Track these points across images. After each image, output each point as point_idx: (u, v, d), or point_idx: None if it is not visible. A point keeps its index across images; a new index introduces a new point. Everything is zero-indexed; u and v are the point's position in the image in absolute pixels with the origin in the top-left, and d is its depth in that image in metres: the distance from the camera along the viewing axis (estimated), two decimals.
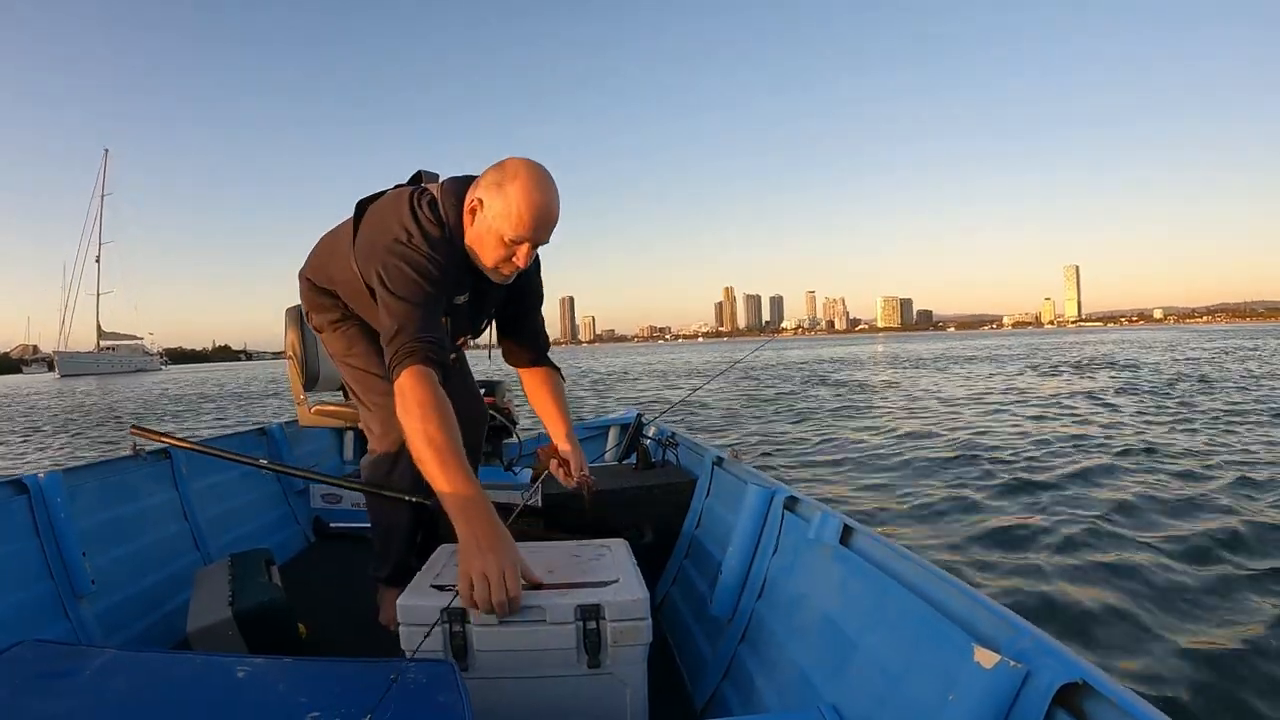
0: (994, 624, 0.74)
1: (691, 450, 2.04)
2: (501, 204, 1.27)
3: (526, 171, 1.28)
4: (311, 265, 1.67)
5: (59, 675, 0.83)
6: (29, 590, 1.42)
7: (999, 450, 6.03)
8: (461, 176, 1.40)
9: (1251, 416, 7.63)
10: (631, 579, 1.14)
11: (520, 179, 1.26)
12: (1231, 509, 3.86)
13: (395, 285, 1.28)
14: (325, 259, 1.62)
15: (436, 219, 1.33)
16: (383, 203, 1.44)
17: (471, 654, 1.04)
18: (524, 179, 1.26)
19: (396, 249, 1.30)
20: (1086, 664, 0.63)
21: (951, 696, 0.71)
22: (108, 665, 0.86)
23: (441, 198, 1.36)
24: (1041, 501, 4.24)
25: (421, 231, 1.31)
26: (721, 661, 1.32)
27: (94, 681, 0.82)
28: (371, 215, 1.44)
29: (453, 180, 1.40)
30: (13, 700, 0.77)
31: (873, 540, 1.04)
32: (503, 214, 1.27)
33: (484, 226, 1.30)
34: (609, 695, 1.06)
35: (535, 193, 1.27)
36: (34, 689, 0.80)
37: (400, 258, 1.29)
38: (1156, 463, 5.26)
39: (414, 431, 1.15)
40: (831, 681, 0.97)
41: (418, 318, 1.25)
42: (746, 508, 1.41)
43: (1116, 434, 6.71)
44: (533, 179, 1.27)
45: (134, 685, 0.83)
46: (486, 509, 1.08)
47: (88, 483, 1.68)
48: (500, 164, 1.31)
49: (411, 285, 1.27)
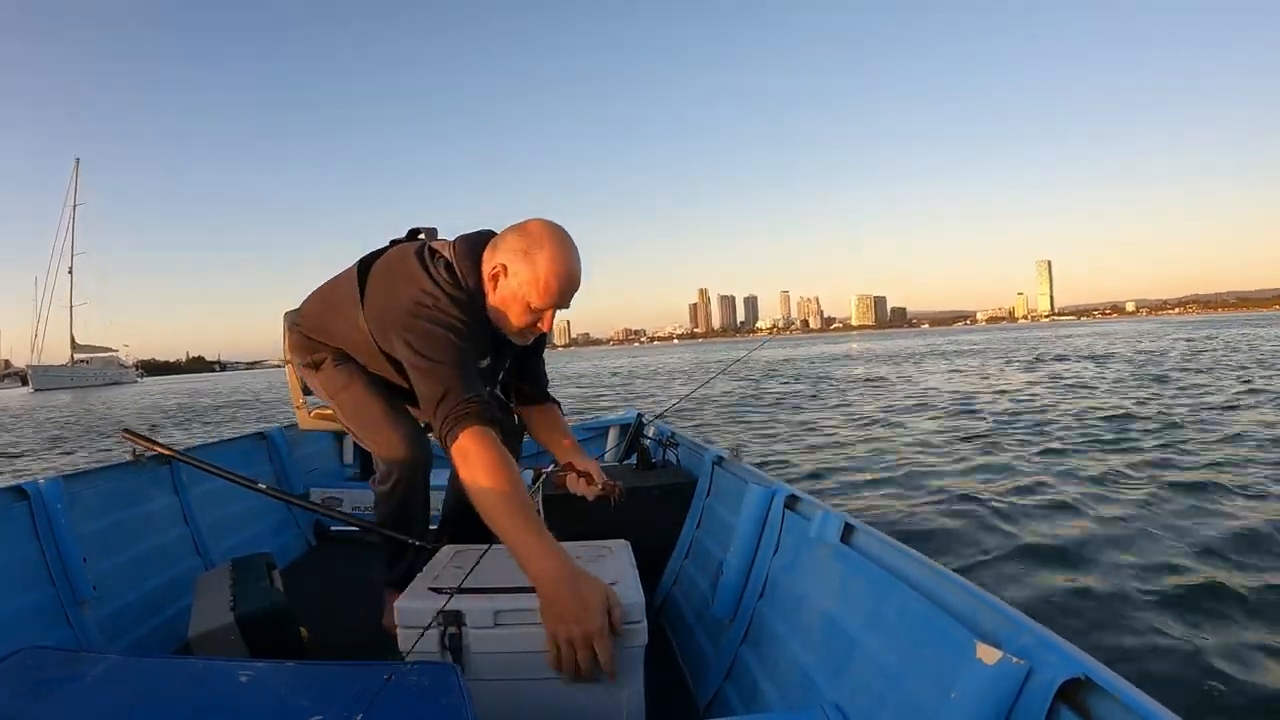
0: (996, 620, 0.74)
1: (692, 450, 2.04)
2: (529, 272, 1.26)
3: (553, 240, 1.27)
4: (309, 321, 1.62)
5: (61, 681, 0.83)
6: (30, 596, 1.42)
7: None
8: (471, 235, 1.38)
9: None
10: (630, 582, 1.14)
11: (548, 248, 1.26)
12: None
13: (429, 349, 1.24)
14: (326, 317, 1.57)
15: (455, 282, 1.31)
16: (390, 262, 1.40)
17: (468, 656, 1.04)
18: (551, 248, 1.26)
19: (422, 313, 1.26)
20: (1089, 659, 0.63)
21: (954, 694, 0.71)
22: (109, 671, 0.86)
23: (456, 260, 1.33)
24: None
25: (444, 293, 1.28)
26: (723, 661, 1.32)
27: (96, 687, 0.82)
28: (381, 277, 1.40)
29: (464, 241, 1.37)
30: (15, 707, 0.77)
31: (874, 538, 1.04)
32: (530, 282, 1.27)
33: (509, 293, 1.30)
34: (606, 698, 1.06)
35: (564, 262, 1.27)
36: (36, 695, 0.80)
37: (429, 320, 1.25)
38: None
39: (483, 493, 1.11)
40: (833, 680, 0.97)
41: (460, 377, 1.22)
42: (747, 507, 1.41)
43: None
44: (561, 248, 1.27)
45: (136, 691, 0.83)
46: (569, 569, 1.03)
47: (88, 489, 1.68)
48: (522, 228, 1.30)
49: (446, 346, 1.24)
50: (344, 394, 1.59)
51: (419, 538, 1.54)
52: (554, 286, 1.27)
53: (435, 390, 1.21)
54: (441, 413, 1.19)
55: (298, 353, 1.67)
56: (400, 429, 1.50)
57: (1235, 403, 7.90)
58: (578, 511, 1.62)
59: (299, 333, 1.66)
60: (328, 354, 1.61)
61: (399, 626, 1.06)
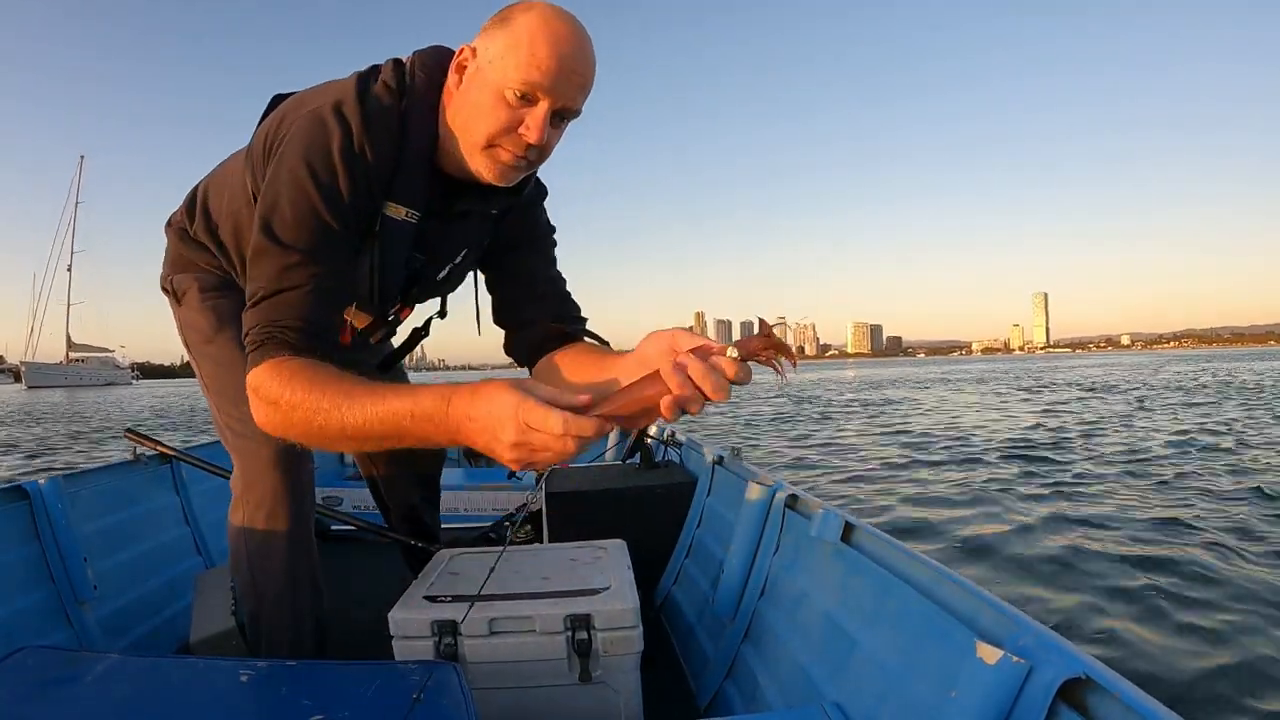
0: (996, 620, 0.74)
1: (693, 450, 2.04)
2: (507, 37, 0.82)
3: (545, 4, 0.84)
4: (187, 203, 1.14)
5: (62, 681, 0.83)
6: (30, 596, 1.42)
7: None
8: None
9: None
10: (624, 586, 1.14)
11: (537, 9, 0.83)
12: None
13: (277, 215, 0.82)
14: (212, 190, 1.09)
15: (398, 84, 0.88)
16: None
17: (463, 665, 1.04)
18: (543, 8, 0.83)
19: (314, 130, 0.83)
20: (1089, 659, 0.63)
21: (954, 692, 0.71)
22: (110, 670, 0.86)
23: (412, 59, 0.91)
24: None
25: (361, 103, 0.85)
26: (724, 660, 1.32)
27: (97, 687, 0.82)
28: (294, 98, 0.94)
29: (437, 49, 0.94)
30: (15, 707, 0.77)
31: (874, 537, 1.04)
32: (509, 48, 0.81)
33: (476, 84, 0.84)
34: (601, 705, 1.06)
35: (559, 22, 0.82)
36: (37, 695, 0.80)
37: (313, 146, 0.82)
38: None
39: (286, 425, 0.77)
40: (834, 679, 0.97)
41: (299, 278, 0.81)
42: (748, 506, 1.41)
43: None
44: (554, 8, 0.84)
45: (137, 690, 0.83)
46: (450, 390, 0.72)
47: (88, 488, 1.68)
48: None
49: (308, 218, 0.82)
50: (208, 348, 1.11)
51: (429, 543, 1.47)
52: (542, 51, 0.80)
53: (253, 287, 0.83)
54: (245, 324, 0.83)
55: (168, 259, 1.18)
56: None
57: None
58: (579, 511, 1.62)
59: (176, 226, 1.15)
60: (200, 276, 1.12)
61: (394, 636, 1.06)
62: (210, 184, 1.10)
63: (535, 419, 0.66)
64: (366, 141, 0.84)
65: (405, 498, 1.50)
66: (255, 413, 0.79)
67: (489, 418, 0.68)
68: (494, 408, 0.68)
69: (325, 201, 0.82)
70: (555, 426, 0.66)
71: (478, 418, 0.69)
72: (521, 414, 0.66)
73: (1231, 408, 10.78)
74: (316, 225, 0.82)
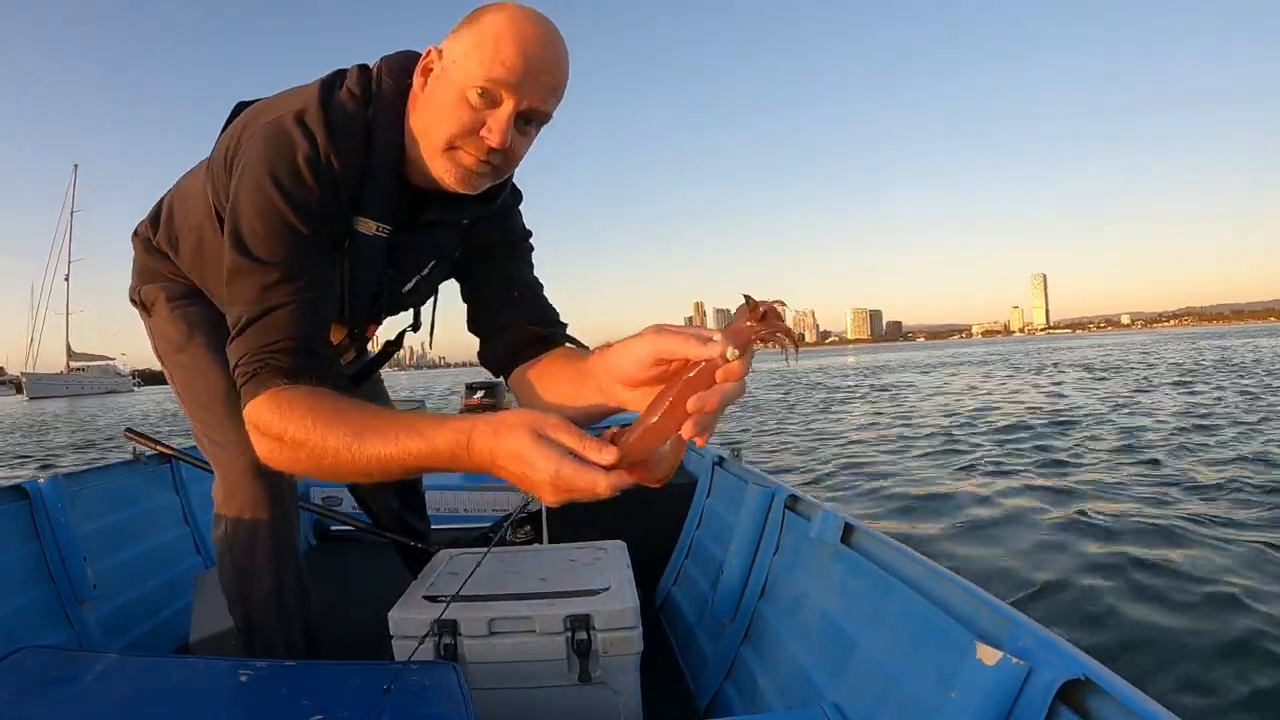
0: (996, 621, 0.74)
1: (692, 450, 2.04)
2: (473, 36, 0.78)
3: (514, 4, 0.80)
4: (152, 214, 1.12)
5: (61, 681, 0.83)
6: (30, 596, 1.42)
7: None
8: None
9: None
10: (624, 586, 1.14)
11: (508, 8, 0.79)
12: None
13: (252, 231, 0.79)
14: (176, 203, 1.07)
15: (363, 91, 0.85)
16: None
17: (463, 665, 1.04)
18: (513, 7, 0.80)
19: (276, 141, 0.80)
20: (1089, 660, 0.63)
21: (954, 694, 0.71)
22: (110, 670, 0.86)
23: (379, 65, 0.88)
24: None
25: (324, 111, 0.82)
26: (724, 661, 1.32)
27: (96, 686, 0.82)
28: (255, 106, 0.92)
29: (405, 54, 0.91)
30: (15, 706, 0.77)
31: (874, 538, 1.04)
32: (474, 47, 0.78)
33: (440, 85, 0.81)
34: (601, 705, 1.06)
35: (527, 22, 0.78)
36: (36, 695, 0.80)
37: (277, 157, 0.79)
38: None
39: (292, 463, 0.74)
40: (834, 680, 0.97)
41: (292, 299, 0.78)
42: (747, 507, 1.41)
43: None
44: (525, 9, 0.80)
45: (136, 690, 0.83)
46: (467, 429, 0.67)
47: (88, 488, 1.68)
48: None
49: (283, 231, 0.79)
50: (180, 357, 1.09)
51: (427, 543, 1.48)
52: (507, 48, 0.76)
53: (236, 312, 0.79)
54: (233, 356, 0.79)
55: (135, 270, 1.16)
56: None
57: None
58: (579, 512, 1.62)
59: (141, 237, 1.14)
60: (159, 285, 1.11)
61: (393, 636, 1.06)
62: (175, 196, 1.08)
63: (581, 483, 0.63)
64: (332, 151, 0.81)
65: (385, 503, 1.51)
66: (258, 448, 0.76)
67: (519, 462, 0.64)
68: (521, 449, 0.63)
69: (295, 210, 0.79)
70: (601, 490, 0.64)
71: (504, 459, 0.65)
72: (562, 474, 0.63)
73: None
74: (289, 235, 0.79)
